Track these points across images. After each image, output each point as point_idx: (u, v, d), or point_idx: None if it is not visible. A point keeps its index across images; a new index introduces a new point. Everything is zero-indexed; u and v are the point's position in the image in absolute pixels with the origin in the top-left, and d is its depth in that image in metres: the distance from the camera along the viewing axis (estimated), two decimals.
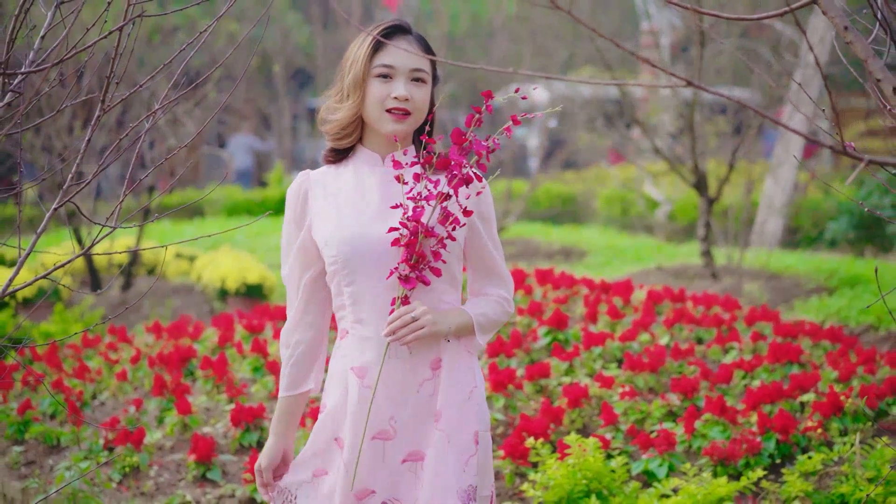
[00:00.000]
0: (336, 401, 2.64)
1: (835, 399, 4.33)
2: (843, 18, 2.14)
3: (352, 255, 2.58)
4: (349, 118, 2.64)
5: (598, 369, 4.99)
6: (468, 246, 2.68)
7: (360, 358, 2.60)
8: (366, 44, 2.63)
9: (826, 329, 5.68)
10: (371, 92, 2.61)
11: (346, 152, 2.70)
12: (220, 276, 8.67)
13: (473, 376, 2.64)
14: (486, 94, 2.50)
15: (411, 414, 2.59)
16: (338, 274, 2.62)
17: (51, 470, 4.51)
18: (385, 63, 2.60)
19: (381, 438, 2.58)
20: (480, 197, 2.64)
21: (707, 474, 3.86)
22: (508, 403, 4.59)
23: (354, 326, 2.63)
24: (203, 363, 5.16)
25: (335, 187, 2.67)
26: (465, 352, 2.64)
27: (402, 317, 2.52)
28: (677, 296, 6.17)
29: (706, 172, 9.52)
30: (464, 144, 2.49)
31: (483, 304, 2.69)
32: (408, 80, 2.61)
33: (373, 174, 2.65)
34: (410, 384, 2.60)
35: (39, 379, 5.13)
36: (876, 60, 2.17)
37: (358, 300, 2.60)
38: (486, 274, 2.72)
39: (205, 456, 4.27)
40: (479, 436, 2.61)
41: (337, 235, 2.60)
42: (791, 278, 9.40)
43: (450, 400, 2.59)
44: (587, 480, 3.77)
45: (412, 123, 2.62)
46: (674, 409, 4.52)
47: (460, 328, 2.62)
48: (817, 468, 3.97)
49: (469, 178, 2.52)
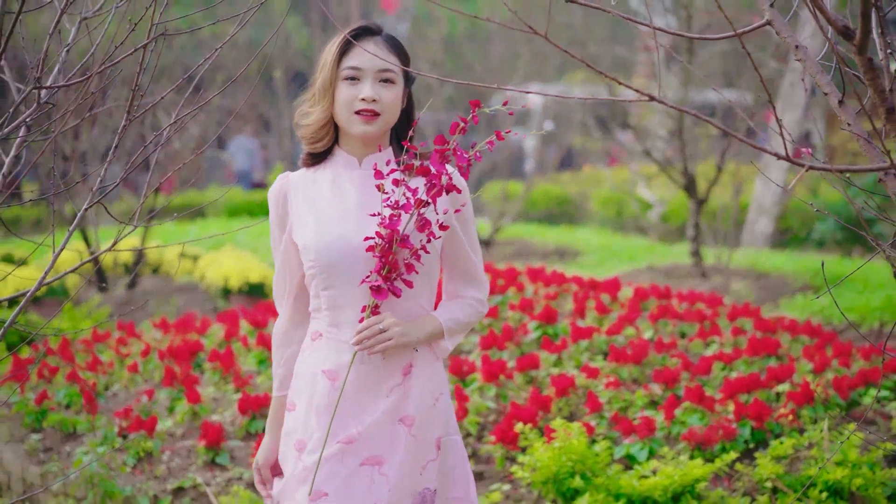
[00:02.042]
0: (303, 403, 2.64)
1: (808, 389, 4.61)
2: (793, 38, 2.39)
3: (330, 261, 2.59)
4: (321, 122, 2.65)
5: (584, 361, 5.26)
6: (446, 247, 2.69)
7: (335, 361, 2.60)
8: (333, 47, 2.64)
9: (804, 325, 5.95)
10: (340, 95, 2.61)
11: (324, 155, 2.71)
12: (223, 275, 8.95)
13: (441, 382, 2.68)
14: (474, 103, 2.48)
15: (377, 418, 2.59)
16: (316, 278, 2.62)
17: (68, 456, 4.76)
18: (352, 65, 2.61)
19: (344, 442, 2.58)
20: (460, 202, 2.64)
21: (684, 458, 4.14)
22: (500, 393, 4.85)
23: (330, 330, 2.63)
24: (211, 356, 5.43)
25: (313, 190, 2.68)
26: (433, 358, 2.67)
27: (370, 327, 2.52)
28: (663, 293, 6.45)
29: (695, 175, 9.80)
30: (445, 153, 2.49)
31: (456, 307, 2.70)
32: (375, 81, 2.60)
33: (350, 177, 2.66)
34: (381, 389, 2.60)
35: (54, 371, 5.40)
36: (823, 76, 2.41)
37: (334, 304, 2.61)
38: (462, 276, 2.73)
39: (214, 442, 4.54)
40: (440, 441, 2.65)
41: (315, 240, 2.61)
42: (778, 277, 9.67)
43: (421, 405, 2.62)
44: (572, 463, 4.03)
45: (382, 124, 2.63)
46: (656, 398, 4.78)
47: (429, 337, 2.63)
48: (788, 452, 4.23)
49: (450, 188, 2.51)
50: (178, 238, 11.68)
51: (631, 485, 3.92)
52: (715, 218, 11.51)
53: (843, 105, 2.39)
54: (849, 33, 2.17)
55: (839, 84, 2.37)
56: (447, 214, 2.57)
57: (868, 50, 2.18)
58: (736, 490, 4.14)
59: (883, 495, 4.06)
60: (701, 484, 3.98)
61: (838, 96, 2.39)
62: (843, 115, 2.40)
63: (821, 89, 2.42)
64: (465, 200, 2.66)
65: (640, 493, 3.92)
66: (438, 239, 2.57)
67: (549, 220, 15.87)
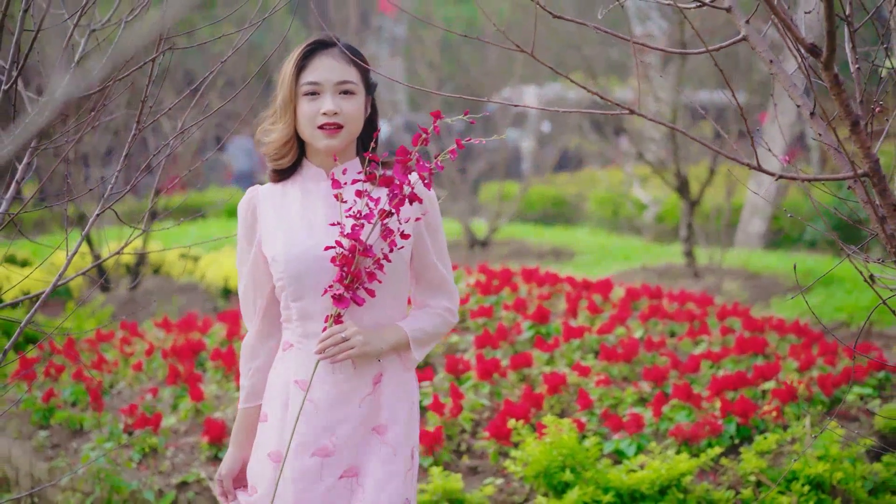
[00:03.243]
0: (276, 414, 2.65)
1: (792, 387, 4.76)
2: (768, 53, 2.53)
3: (298, 273, 2.60)
4: (283, 139, 2.64)
5: (576, 360, 5.41)
6: (414, 257, 2.69)
7: (306, 371, 2.60)
8: (290, 64, 2.64)
9: (791, 324, 6.10)
10: (301, 111, 2.61)
11: (290, 170, 2.70)
12: (223, 275, 9.13)
13: (412, 392, 2.70)
14: (435, 114, 2.47)
15: (350, 429, 2.60)
16: (285, 289, 2.63)
17: (75, 452, 4.91)
18: (310, 80, 2.60)
19: (320, 455, 2.59)
20: (422, 211, 2.63)
21: (671, 453, 4.29)
22: (494, 390, 5.00)
23: (301, 340, 2.64)
24: (213, 355, 5.57)
25: (282, 203, 2.68)
26: (403, 368, 2.68)
27: (332, 336, 2.53)
28: (654, 292, 6.60)
29: (688, 176, 9.96)
30: (408, 163, 2.48)
31: (423, 318, 2.70)
32: (335, 94, 2.60)
33: (318, 190, 2.67)
34: (351, 400, 2.61)
35: (60, 370, 5.55)
36: (796, 89, 2.56)
37: (305, 315, 2.62)
38: (431, 286, 2.73)
39: (217, 438, 4.68)
40: (413, 451, 2.67)
41: (284, 253, 2.61)
42: (769, 277, 9.83)
43: (395, 415, 2.63)
44: (563, 457, 4.18)
45: (346, 136, 2.63)
46: (645, 395, 4.93)
47: (394, 346, 2.63)
48: (772, 447, 4.37)
49: (413, 198, 2.50)
50: (179, 239, 11.82)
51: (619, 478, 4.07)
52: (708, 219, 11.67)
53: (814, 117, 2.53)
54: (816, 51, 2.32)
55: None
56: (409, 223, 2.57)
57: (834, 66, 2.32)
58: (721, 484, 4.29)
59: (864, 489, 4.21)
60: (687, 478, 4.13)
61: (809, 108, 2.53)
62: (814, 126, 2.54)
63: (794, 101, 2.57)
64: (429, 209, 2.66)
65: (627, 487, 4.07)
66: (402, 248, 2.57)
67: (545, 220, 16.03)
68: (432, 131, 2.48)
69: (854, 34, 2.61)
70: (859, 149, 2.40)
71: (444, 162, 2.51)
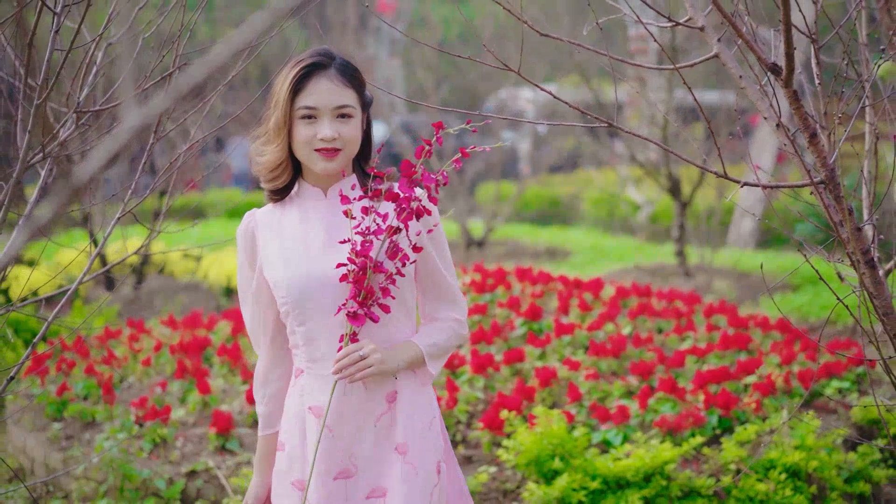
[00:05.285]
0: (294, 441, 2.61)
1: (772, 380, 5.00)
2: (738, 69, 2.76)
3: (301, 296, 2.53)
4: (276, 161, 2.56)
5: (567, 355, 5.64)
6: (420, 269, 2.63)
7: (319, 397, 2.56)
8: (285, 86, 2.51)
9: (776, 321, 6.34)
10: (297, 134, 2.51)
11: (287, 189, 2.63)
12: (226, 274, 9.35)
13: (430, 407, 2.63)
14: (437, 125, 2.42)
15: (370, 449, 2.55)
16: (289, 314, 2.57)
17: (87, 443, 5.14)
18: (306, 105, 2.49)
19: (343, 477, 2.55)
20: (431, 224, 2.57)
21: (656, 442, 4.52)
22: (487, 384, 5.23)
23: (310, 366, 2.58)
24: (219, 350, 5.81)
25: (280, 226, 2.61)
26: (420, 383, 2.61)
27: (350, 355, 2.45)
28: (643, 291, 6.83)
29: (679, 178, 10.19)
30: (413, 177, 2.43)
31: (435, 331, 2.64)
32: (333, 118, 2.50)
33: (317, 209, 2.59)
34: (367, 419, 2.56)
35: (72, 365, 5.78)
36: (763, 101, 2.79)
37: (311, 339, 2.56)
38: (439, 297, 2.67)
39: (224, 429, 4.92)
40: (440, 466, 2.60)
41: (285, 276, 2.54)
42: (758, 276, 10.06)
43: (413, 431, 2.56)
44: (553, 446, 4.40)
45: (344, 158, 2.54)
46: (632, 389, 5.16)
47: (410, 363, 2.56)
48: (752, 438, 4.61)
49: (420, 212, 2.44)
50: (181, 239, 12.03)
51: (606, 466, 4.30)
52: (700, 219, 11.90)
53: (780, 127, 2.76)
54: (776, 70, 2.55)
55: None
56: (419, 236, 2.52)
57: (793, 83, 2.56)
58: (702, 472, 4.52)
59: (839, 478, 4.44)
60: (670, 466, 4.35)
61: (776, 120, 2.76)
62: (779, 136, 2.77)
63: (762, 114, 2.79)
64: (436, 222, 2.60)
65: (614, 474, 4.30)
66: (413, 262, 2.52)
67: (541, 220, 16.25)
68: (435, 142, 2.43)
69: (818, 51, 2.85)
70: (817, 158, 2.64)
71: (445, 168, 2.48)
